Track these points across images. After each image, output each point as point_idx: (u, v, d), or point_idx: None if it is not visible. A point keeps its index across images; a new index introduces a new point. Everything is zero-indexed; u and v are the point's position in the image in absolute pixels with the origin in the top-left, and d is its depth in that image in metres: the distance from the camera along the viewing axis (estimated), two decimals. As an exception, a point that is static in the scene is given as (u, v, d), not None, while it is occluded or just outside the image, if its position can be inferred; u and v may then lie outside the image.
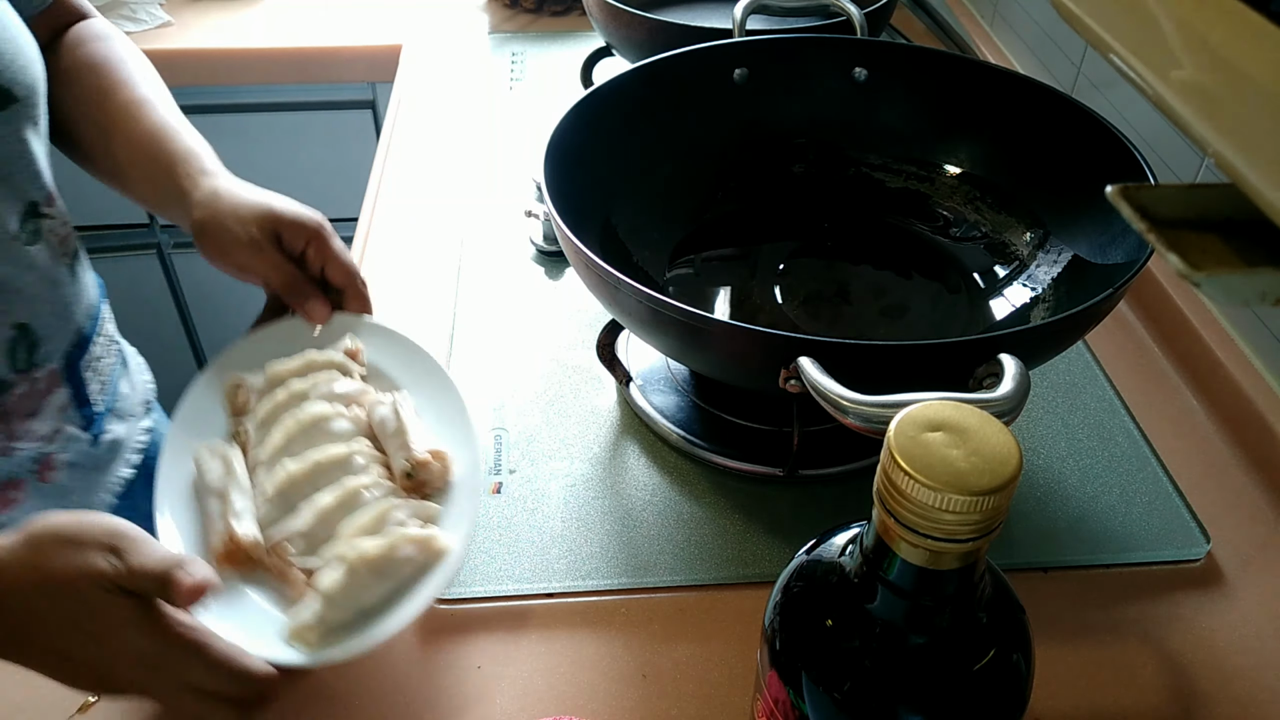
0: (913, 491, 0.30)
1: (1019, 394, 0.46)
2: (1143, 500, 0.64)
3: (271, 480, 0.55)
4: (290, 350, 0.61)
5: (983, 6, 1.22)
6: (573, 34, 1.23)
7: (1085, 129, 0.67)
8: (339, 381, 0.60)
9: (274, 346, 0.62)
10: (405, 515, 0.54)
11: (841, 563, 0.36)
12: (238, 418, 0.60)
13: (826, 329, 0.70)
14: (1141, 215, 0.27)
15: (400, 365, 0.63)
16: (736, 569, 0.60)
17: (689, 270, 0.75)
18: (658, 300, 0.53)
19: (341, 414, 0.58)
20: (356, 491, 0.54)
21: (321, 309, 0.63)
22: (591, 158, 0.69)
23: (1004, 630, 0.35)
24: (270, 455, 0.56)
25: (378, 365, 0.63)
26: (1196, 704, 0.54)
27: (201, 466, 0.56)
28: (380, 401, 0.59)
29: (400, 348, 0.64)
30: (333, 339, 0.63)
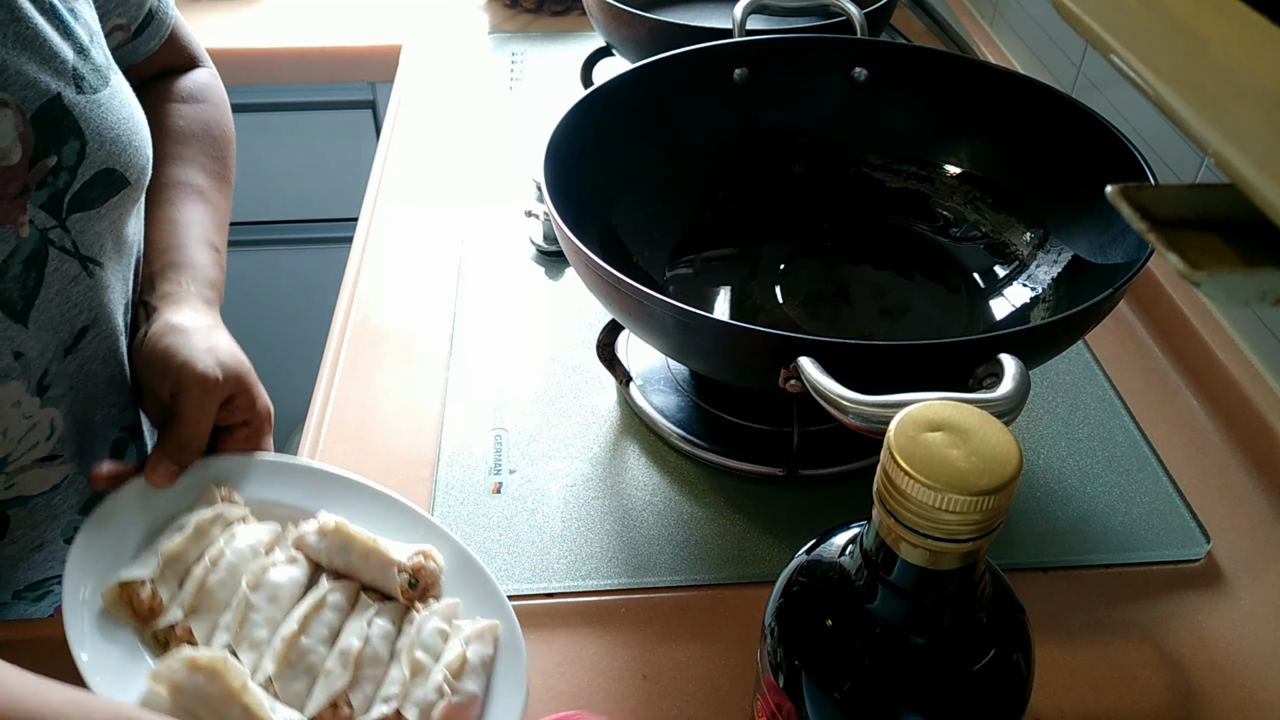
0: (913, 491, 0.30)
1: (1019, 394, 0.46)
2: (1143, 500, 0.64)
3: (266, 658, 0.49)
4: (150, 522, 0.54)
5: (983, 6, 1.22)
6: (573, 34, 1.23)
7: (1085, 129, 0.67)
8: (243, 531, 0.54)
9: (128, 524, 0.53)
10: (440, 620, 0.52)
11: (842, 563, 0.36)
12: (150, 621, 0.50)
13: (826, 329, 0.70)
14: (1141, 215, 0.27)
15: (364, 516, 0.56)
16: (736, 569, 0.60)
17: (689, 270, 0.75)
18: (658, 300, 0.53)
19: (278, 562, 0.53)
20: (366, 625, 0.51)
21: (161, 471, 0.54)
22: (591, 158, 0.69)
23: (1004, 630, 0.35)
24: (238, 638, 0.50)
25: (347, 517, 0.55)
26: (1196, 704, 0.54)
27: (186, 696, 0.46)
28: (309, 533, 0.54)
29: (345, 495, 0.57)
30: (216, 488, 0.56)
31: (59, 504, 0.60)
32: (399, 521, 0.56)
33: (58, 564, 0.62)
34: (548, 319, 0.79)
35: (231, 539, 0.53)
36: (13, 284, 0.53)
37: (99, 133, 0.56)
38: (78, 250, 0.56)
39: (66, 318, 0.57)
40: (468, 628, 0.52)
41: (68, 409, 0.58)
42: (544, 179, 0.61)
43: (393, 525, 0.56)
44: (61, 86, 0.54)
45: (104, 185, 0.57)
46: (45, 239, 0.54)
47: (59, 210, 0.54)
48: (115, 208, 0.58)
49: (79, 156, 0.55)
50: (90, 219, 0.57)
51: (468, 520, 0.63)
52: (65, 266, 0.56)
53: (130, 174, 0.58)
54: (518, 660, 0.51)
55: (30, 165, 0.52)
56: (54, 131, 0.53)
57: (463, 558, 0.55)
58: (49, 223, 0.54)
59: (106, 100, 0.57)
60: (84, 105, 0.55)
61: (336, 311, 0.80)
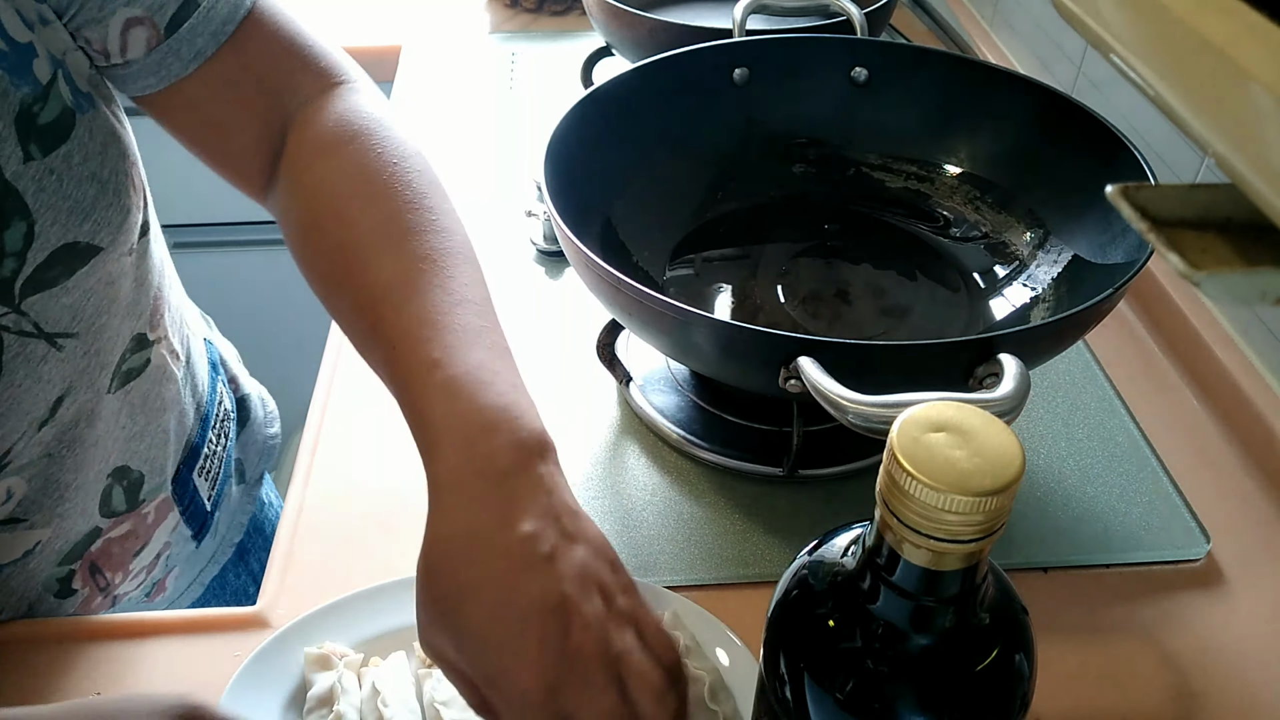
0: (916, 492, 0.30)
1: (1019, 394, 0.46)
2: (1143, 500, 0.64)
3: None
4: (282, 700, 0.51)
5: (983, 6, 1.22)
6: (573, 34, 1.23)
7: (1085, 129, 0.67)
8: (381, 671, 0.52)
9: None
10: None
11: (844, 563, 0.36)
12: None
13: (826, 329, 0.70)
14: (1141, 215, 0.27)
15: None
16: (736, 569, 0.60)
17: (689, 270, 0.75)
18: (658, 300, 0.53)
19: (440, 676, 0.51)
20: None
21: None
22: (591, 158, 0.69)
23: (1007, 631, 0.35)
24: None
25: None
26: (1196, 704, 0.54)
27: None
28: None
29: None
30: None
31: (35, 568, 0.57)
32: None
33: (63, 613, 0.60)
34: (548, 319, 0.79)
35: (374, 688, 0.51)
36: None
37: (51, 207, 0.46)
38: (41, 330, 0.48)
39: (39, 397, 0.50)
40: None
41: (31, 475, 0.53)
42: (544, 179, 0.61)
43: None
44: (4, 157, 0.44)
45: (65, 260, 0.47)
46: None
47: (9, 297, 0.46)
48: (89, 277, 0.49)
49: (26, 240, 0.45)
50: (55, 295, 0.48)
51: (468, 520, 0.63)
52: (29, 349, 0.48)
53: (101, 238, 0.48)
54: (710, 622, 0.54)
55: None
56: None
57: None
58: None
59: (60, 165, 0.46)
60: (31, 176, 0.45)
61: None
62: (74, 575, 0.60)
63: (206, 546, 0.71)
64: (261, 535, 0.78)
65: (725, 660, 0.53)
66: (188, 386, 0.65)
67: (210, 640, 0.56)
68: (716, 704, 0.50)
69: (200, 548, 0.70)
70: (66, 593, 0.60)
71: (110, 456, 0.59)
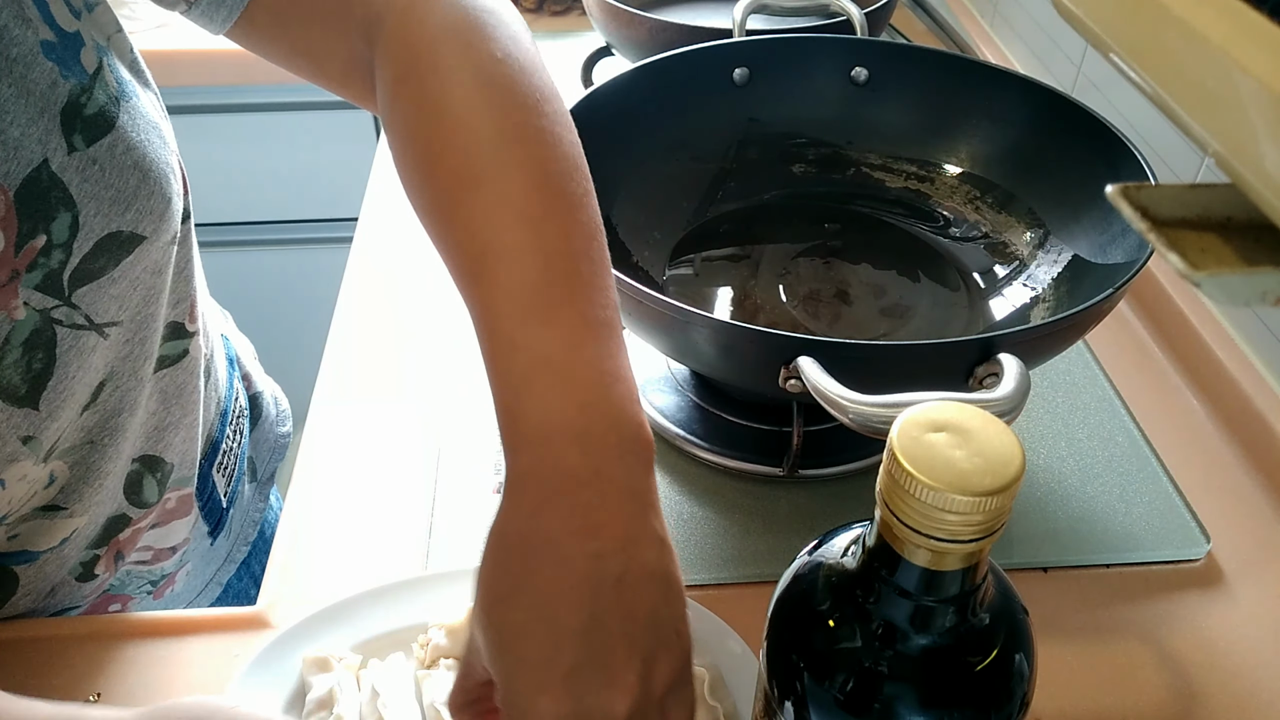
0: (916, 492, 0.30)
1: (1019, 394, 0.46)
2: (1143, 500, 0.64)
3: None
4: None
5: (983, 6, 1.22)
6: (573, 34, 1.23)
7: (1085, 129, 0.67)
8: (379, 674, 0.52)
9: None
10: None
11: (843, 563, 0.36)
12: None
13: (826, 329, 0.70)
14: (1141, 215, 0.27)
15: None
16: (736, 569, 0.60)
17: (689, 270, 0.75)
18: (658, 300, 0.53)
19: (440, 676, 0.51)
20: None
21: None
22: (591, 158, 0.69)
23: (1007, 631, 0.35)
24: None
25: None
26: (1196, 704, 0.54)
27: None
28: (438, 642, 0.53)
29: None
30: None
31: (69, 554, 0.58)
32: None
33: (79, 596, 0.60)
34: (548, 319, 0.79)
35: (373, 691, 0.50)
36: (12, 369, 0.46)
37: (94, 197, 0.46)
38: (92, 322, 0.49)
39: (86, 384, 0.51)
40: None
41: (73, 461, 0.53)
42: (544, 179, 0.61)
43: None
44: (50, 149, 0.44)
45: (110, 250, 0.48)
46: (48, 319, 0.47)
47: (59, 290, 0.47)
48: (134, 266, 0.50)
49: (71, 231, 0.46)
50: (103, 286, 0.49)
51: (468, 520, 0.63)
52: (81, 341, 0.49)
53: (144, 227, 0.49)
54: (710, 619, 0.54)
55: (16, 249, 0.44)
56: (40, 206, 0.44)
57: None
58: (49, 303, 0.47)
59: (103, 155, 0.46)
60: (76, 168, 0.45)
61: (337, 311, 0.80)
62: (98, 560, 0.60)
63: (220, 546, 0.71)
64: (262, 538, 0.78)
65: (725, 659, 0.53)
66: (211, 380, 0.65)
67: (210, 641, 0.56)
68: (717, 700, 0.50)
69: (214, 546, 0.70)
70: (88, 577, 0.60)
71: (139, 443, 0.59)
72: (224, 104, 1.34)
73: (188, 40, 1.29)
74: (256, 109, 1.34)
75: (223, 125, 1.35)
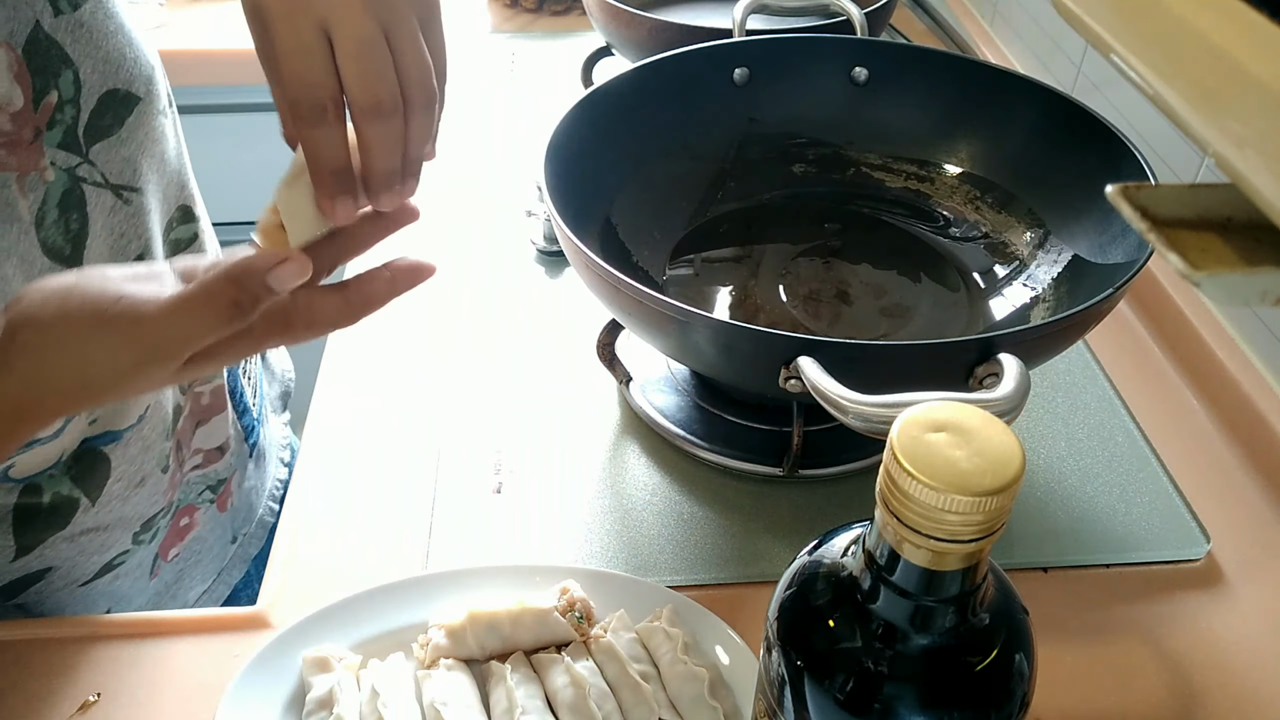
0: (916, 492, 0.30)
1: (1019, 394, 0.46)
2: (1143, 500, 0.64)
3: None
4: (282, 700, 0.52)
5: (983, 6, 1.22)
6: (573, 34, 1.23)
7: (1085, 129, 0.67)
8: (378, 674, 0.52)
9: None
10: (626, 632, 0.54)
11: (844, 563, 0.36)
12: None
13: (827, 329, 0.70)
14: (1141, 215, 0.27)
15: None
16: (736, 569, 0.60)
17: (689, 270, 0.75)
18: (658, 300, 0.53)
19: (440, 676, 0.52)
20: (566, 675, 0.51)
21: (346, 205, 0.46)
22: (591, 158, 0.70)
23: (1007, 631, 0.35)
24: None
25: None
26: (1196, 704, 0.54)
27: None
28: (439, 642, 0.53)
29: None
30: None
31: (149, 434, 0.61)
32: (482, 584, 0.56)
33: (161, 496, 0.64)
34: (548, 319, 0.79)
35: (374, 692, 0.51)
36: (54, 230, 0.52)
37: (88, 56, 0.52)
38: (108, 181, 0.54)
39: (118, 249, 0.56)
40: (649, 624, 0.54)
41: None
42: (544, 179, 0.61)
43: (486, 589, 0.56)
44: (38, 10, 0.50)
45: (113, 108, 0.54)
46: (74, 177, 0.52)
47: (77, 146, 0.53)
48: (137, 130, 0.56)
49: (75, 86, 0.52)
50: (114, 145, 0.54)
51: (468, 520, 0.63)
52: (102, 199, 0.54)
53: (137, 88, 0.55)
54: (709, 619, 0.54)
55: (35, 105, 0.50)
56: (45, 64, 0.50)
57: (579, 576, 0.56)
58: (72, 160, 0.52)
59: (88, 18, 0.52)
60: (66, 29, 0.51)
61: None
62: (171, 452, 0.64)
63: (261, 469, 0.75)
64: None
65: (725, 659, 0.53)
66: None
67: (210, 640, 0.56)
68: (717, 700, 0.50)
69: (254, 460, 0.74)
70: (167, 467, 0.64)
71: None
72: (224, 104, 1.34)
73: (188, 40, 1.29)
74: (256, 109, 1.34)
75: (223, 125, 1.35)
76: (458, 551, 0.61)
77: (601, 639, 0.53)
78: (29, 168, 0.50)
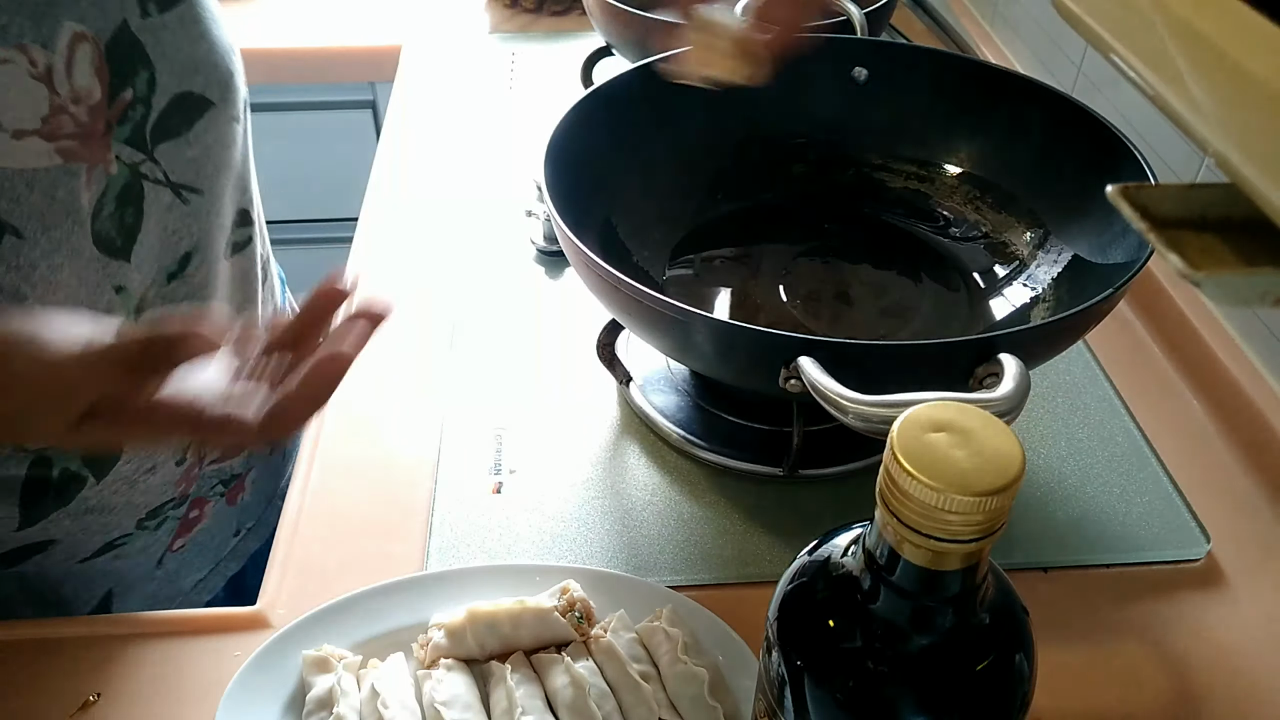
0: (916, 492, 0.30)
1: (1019, 394, 0.46)
2: (1143, 500, 0.64)
3: None
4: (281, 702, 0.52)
5: (983, 6, 1.22)
6: (573, 34, 1.23)
7: (1085, 129, 0.67)
8: (379, 673, 0.52)
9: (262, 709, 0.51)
10: (626, 631, 0.54)
11: (844, 563, 0.36)
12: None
13: (827, 329, 0.70)
14: (1141, 215, 0.27)
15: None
16: (736, 569, 0.60)
17: (689, 270, 0.75)
18: (658, 300, 0.53)
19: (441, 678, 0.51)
20: (566, 674, 0.51)
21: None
22: (591, 158, 0.69)
23: (1007, 631, 0.35)
24: None
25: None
26: (1197, 704, 0.54)
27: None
28: (439, 642, 0.53)
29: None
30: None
31: None
32: (482, 584, 0.56)
33: (171, 488, 0.64)
34: (548, 319, 0.79)
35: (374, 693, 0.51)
36: (108, 222, 0.53)
37: (166, 58, 0.54)
38: (169, 179, 0.56)
39: (168, 245, 0.57)
40: (649, 624, 0.54)
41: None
42: (544, 179, 0.61)
43: (486, 589, 0.56)
44: (127, 10, 0.52)
45: (183, 110, 0.55)
46: (137, 173, 0.54)
47: (143, 143, 0.54)
48: (205, 133, 0.57)
49: (150, 86, 0.53)
50: (179, 146, 0.56)
51: (468, 520, 0.63)
52: (160, 197, 0.55)
53: (211, 93, 0.57)
54: (709, 619, 0.54)
55: (110, 100, 0.51)
56: (125, 62, 0.52)
57: (583, 577, 0.56)
58: (137, 157, 0.54)
59: (174, 22, 0.54)
60: (150, 30, 0.53)
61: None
62: (191, 445, 0.65)
63: (276, 462, 0.76)
64: None
65: (725, 659, 0.53)
66: (268, 282, 0.71)
67: (210, 640, 0.56)
68: (717, 700, 0.50)
69: (271, 458, 0.75)
70: (182, 460, 0.65)
71: None
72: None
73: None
74: (256, 109, 1.34)
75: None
76: (458, 551, 0.61)
77: (601, 639, 0.53)
78: (96, 160, 0.52)
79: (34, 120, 0.48)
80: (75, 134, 0.50)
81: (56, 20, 0.48)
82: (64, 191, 0.51)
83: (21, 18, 0.47)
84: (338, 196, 1.44)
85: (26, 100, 0.48)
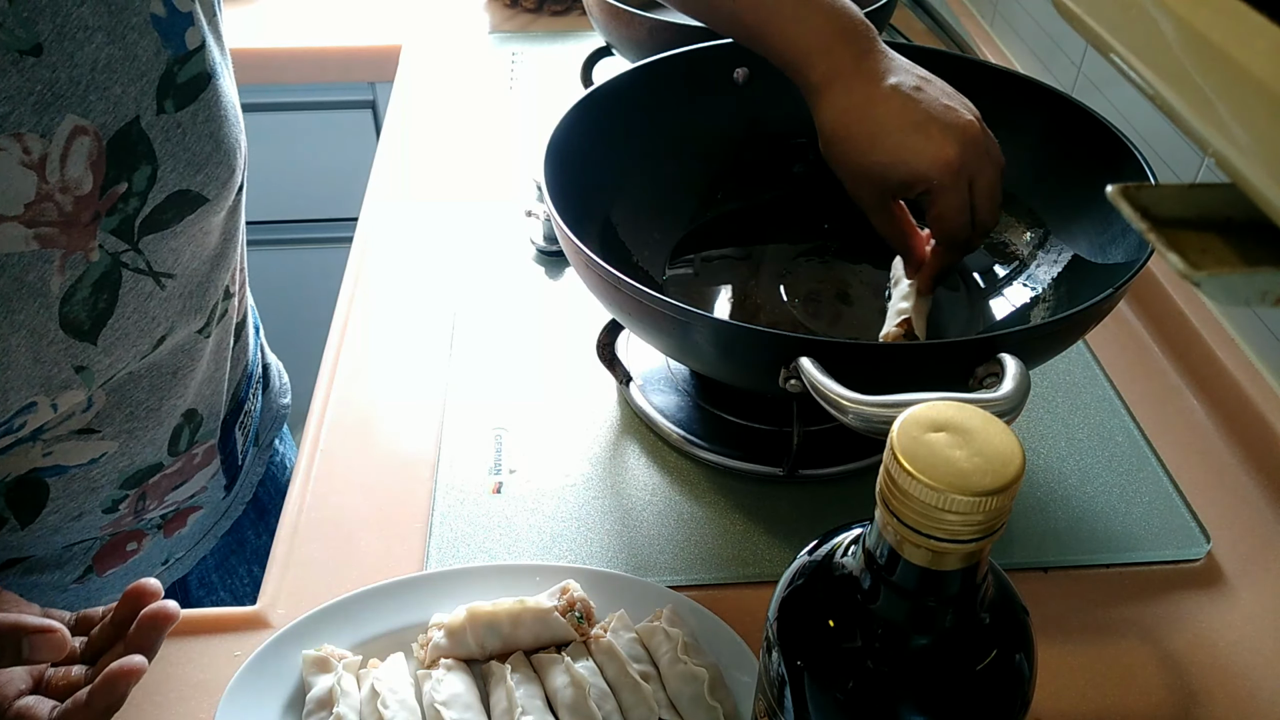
0: (915, 492, 0.30)
1: (1019, 394, 0.46)
2: (1143, 500, 0.64)
3: None
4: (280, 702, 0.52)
5: (983, 6, 1.22)
6: (573, 34, 1.23)
7: (1085, 129, 0.67)
8: (381, 672, 0.52)
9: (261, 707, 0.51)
10: (626, 631, 0.54)
11: (844, 563, 0.36)
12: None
13: (827, 329, 0.70)
14: (1141, 215, 0.27)
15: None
16: (736, 569, 0.60)
17: (689, 270, 0.75)
18: (658, 300, 0.53)
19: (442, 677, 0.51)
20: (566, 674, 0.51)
21: None
22: (591, 158, 0.69)
23: (1007, 631, 0.35)
24: None
25: None
26: (1197, 703, 0.54)
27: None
28: (439, 642, 0.53)
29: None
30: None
31: (97, 477, 0.60)
32: (482, 584, 0.56)
33: (95, 530, 0.63)
34: (548, 319, 0.79)
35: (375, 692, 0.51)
36: (79, 306, 0.52)
37: (173, 156, 0.53)
38: (151, 269, 0.55)
39: (144, 330, 0.56)
40: (649, 624, 0.54)
41: (111, 389, 0.57)
42: (544, 179, 0.61)
43: (486, 589, 0.56)
44: (142, 108, 0.51)
45: (177, 206, 0.54)
46: (117, 262, 0.53)
47: (130, 235, 0.53)
48: (193, 225, 0.55)
49: (149, 181, 0.52)
50: (164, 238, 0.54)
51: (468, 520, 0.63)
52: (140, 285, 0.55)
53: (209, 191, 0.55)
54: (709, 619, 0.54)
55: (101, 192, 0.50)
56: (127, 157, 0.51)
57: (583, 577, 0.56)
58: (120, 247, 0.52)
59: (188, 120, 0.53)
60: (161, 128, 0.52)
61: (336, 311, 0.80)
62: (126, 499, 0.63)
63: (231, 500, 0.75)
64: (282, 496, 0.80)
65: (725, 659, 0.53)
66: (241, 341, 0.69)
67: (210, 640, 0.56)
68: (717, 700, 0.50)
69: (225, 499, 0.74)
70: (112, 510, 0.63)
71: (189, 396, 0.63)
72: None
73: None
74: (256, 109, 1.34)
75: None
76: (458, 551, 0.61)
77: (601, 639, 0.53)
78: (77, 247, 0.50)
79: (16, 207, 0.47)
80: (58, 221, 0.49)
81: (59, 112, 0.47)
82: (34, 275, 0.50)
83: (24, 108, 0.46)
84: (338, 196, 1.44)
85: (11, 188, 0.47)
